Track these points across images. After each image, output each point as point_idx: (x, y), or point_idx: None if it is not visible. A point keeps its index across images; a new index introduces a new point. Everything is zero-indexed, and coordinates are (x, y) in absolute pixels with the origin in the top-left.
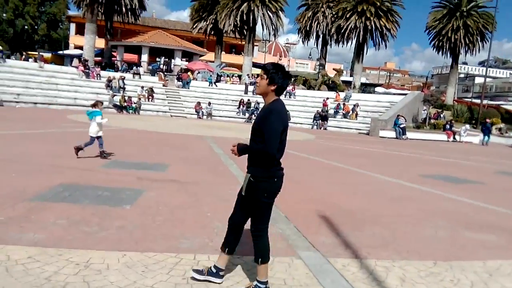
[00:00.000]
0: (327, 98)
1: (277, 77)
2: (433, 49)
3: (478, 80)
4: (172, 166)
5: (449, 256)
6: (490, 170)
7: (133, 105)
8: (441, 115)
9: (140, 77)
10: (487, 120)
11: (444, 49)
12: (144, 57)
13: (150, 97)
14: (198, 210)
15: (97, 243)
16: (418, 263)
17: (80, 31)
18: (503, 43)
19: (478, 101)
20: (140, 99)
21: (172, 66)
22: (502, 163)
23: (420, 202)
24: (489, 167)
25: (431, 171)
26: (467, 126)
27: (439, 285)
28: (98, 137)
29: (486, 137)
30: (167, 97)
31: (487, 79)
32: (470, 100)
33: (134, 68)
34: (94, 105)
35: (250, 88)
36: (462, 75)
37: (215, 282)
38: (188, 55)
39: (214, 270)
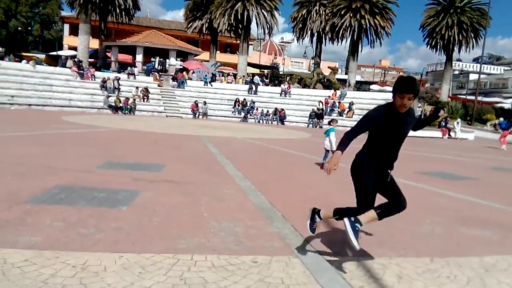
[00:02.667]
0: (329, 97)
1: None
2: (427, 47)
3: (473, 77)
4: (168, 166)
5: (445, 252)
6: (485, 166)
7: (128, 106)
8: None
9: (134, 78)
10: None
11: (438, 46)
12: (139, 57)
13: (145, 97)
14: (195, 210)
15: (93, 245)
16: (415, 260)
17: (74, 31)
18: (497, 40)
19: (472, 97)
20: (135, 99)
21: (167, 66)
22: (497, 159)
23: (416, 199)
24: (484, 163)
25: (427, 168)
26: (459, 119)
27: (435, 282)
28: (333, 151)
29: None
30: (162, 97)
31: (482, 76)
32: (464, 96)
33: (129, 68)
34: (329, 123)
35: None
36: (456, 72)
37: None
38: (183, 55)
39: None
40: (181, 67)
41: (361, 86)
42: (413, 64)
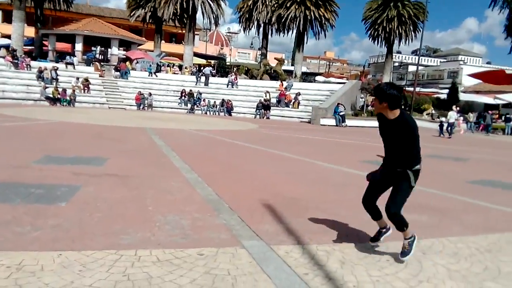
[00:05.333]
0: (283, 90)
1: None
2: (370, 39)
3: (411, 68)
4: (111, 160)
5: (385, 237)
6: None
7: (67, 97)
8: None
9: (74, 67)
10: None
11: (380, 39)
12: (78, 46)
13: (85, 88)
14: (139, 204)
15: (30, 243)
16: (357, 245)
17: (8, 18)
18: (434, 33)
19: (411, 88)
20: (74, 90)
21: (108, 55)
22: (432, 147)
23: (360, 187)
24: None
25: (369, 157)
26: None
27: (376, 266)
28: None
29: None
30: (104, 88)
31: (420, 67)
32: (404, 87)
33: (67, 57)
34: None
35: (203, 79)
36: (396, 64)
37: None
38: (125, 44)
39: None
40: (124, 57)
41: (307, 77)
42: (357, 56)
